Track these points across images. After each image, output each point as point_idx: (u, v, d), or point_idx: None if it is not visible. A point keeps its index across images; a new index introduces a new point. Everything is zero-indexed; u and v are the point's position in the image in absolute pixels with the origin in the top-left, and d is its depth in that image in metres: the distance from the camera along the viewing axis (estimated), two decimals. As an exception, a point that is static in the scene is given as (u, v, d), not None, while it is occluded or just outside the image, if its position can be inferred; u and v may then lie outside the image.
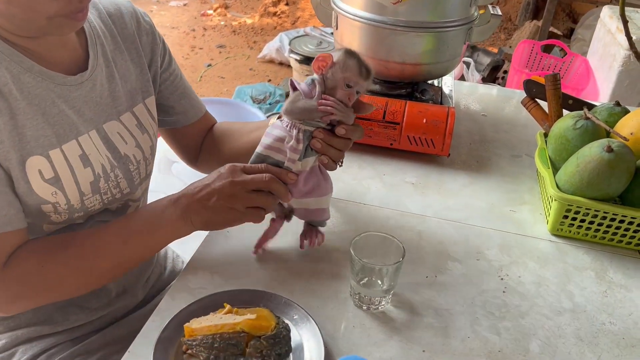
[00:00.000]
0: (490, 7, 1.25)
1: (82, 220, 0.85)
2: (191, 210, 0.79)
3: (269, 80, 3.55)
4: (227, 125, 1.10)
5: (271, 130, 0.82)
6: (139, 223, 0.81)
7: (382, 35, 1.15)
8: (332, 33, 3.65)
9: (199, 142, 1.08)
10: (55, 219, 0.80)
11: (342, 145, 0.83)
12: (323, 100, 0.79)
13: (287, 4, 4.66)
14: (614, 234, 0.95)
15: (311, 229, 0.88)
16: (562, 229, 0.97)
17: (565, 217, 0.95)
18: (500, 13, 1.23)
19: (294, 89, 0.82)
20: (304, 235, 0.87)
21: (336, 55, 0.80)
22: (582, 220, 0.95)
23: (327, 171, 0.86)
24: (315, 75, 0.81)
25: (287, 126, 0.81)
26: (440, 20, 1.14)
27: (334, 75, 0.79)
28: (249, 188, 0.79)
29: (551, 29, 3.61)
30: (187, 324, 0.68)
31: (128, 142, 0.89)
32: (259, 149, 0.82)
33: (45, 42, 0.77)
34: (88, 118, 0.82)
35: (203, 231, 0.89)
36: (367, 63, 0.81)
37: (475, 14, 1.20)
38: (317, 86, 0.80)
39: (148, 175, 0.97)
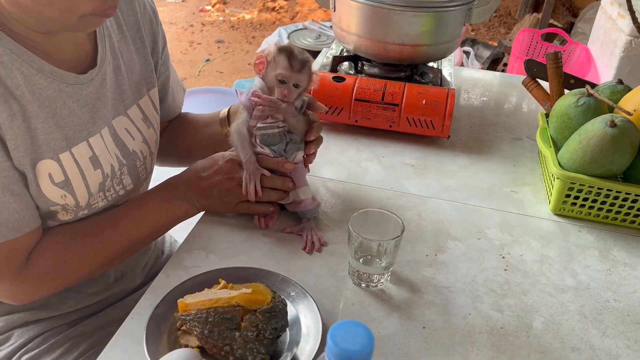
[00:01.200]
0: (490, -12, 1.23)
1: (86, 216, 0.83)
2: (195, 197, 0.85)
3: (268, 75, 3.54)
4: (181, 116, 1.08)
5: None
6: (149, 208, 0.84)
7: (380, 15, 1.13)
8: (331, 26, 3.63)
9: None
10: (61, 216, 0.79)
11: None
12: (254, 98, 0.81)
13: (285, -1, 4.65)
14: (618, 212, 0.93)
15: (308, 226, 0.86)
16: (564, 209, 0.95)
17: (568, 195, 0.93)
18: (500, -6, 1.21)
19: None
20: (304, 236, 0.86)
21: (269, 54, 0.82)
22: (585, 199, 0.93)
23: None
24: (257, 81, 0.84)
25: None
26: (440, 0, 1.12)
27: (269, 74, 0.82)
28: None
29: (551, 21, 3.59)
30: (180, 300, 0.66)
31: (135, 137, 0.87)
32: None
33: (56, 39, 0.74)
34: (101, 115, 0.80)
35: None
36: (303, 56, 0.82)
37: (475, -6, 1.18)
38: (257, 89, 0.83)
39: (152, 170, 0.96)
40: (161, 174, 1.10)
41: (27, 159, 0.71)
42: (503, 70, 3.22)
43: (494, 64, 3.34)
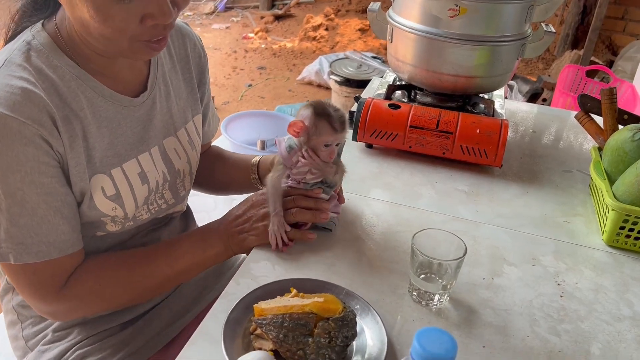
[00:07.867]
0: (543, 24, 1.27)
1: (131, 228, 0.89)
2: (231, 237, 0.89)
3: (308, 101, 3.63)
4: (218, 151, 1.17)
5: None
6: (184, 249, 0.89)
7: (437, 47, 1.18)
8: (372, 57, 3.71)
9: None
10: (109, 227, 0.86)
11: None
12: (301, 159, 0.85)
13: (326, 29, 4.77)
14: (673, 246, 0.94)
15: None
16: (618, 240, 0.96)
17: (622, 227, 0.95)
18: (553, 30, 1.25)
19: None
20: None
21: (307, 119, 0.83)
22: (640, 232, 0.94)
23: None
24: (293, 140, 0.85)
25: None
26: (495, 35, 1.16)
27: (311, 139, 0.84)
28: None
29: (592, 58, 3.60)
30: (256, 305, 0.70)
31: (182, 157, 0.95)
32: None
33: (118, 64, 0.83)
34: (151, 135, 0.88)
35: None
36: (339, 114, 0.83)
37: (529, 30, 1.23)
38: (295, 154, 0.85)
39: (190, 189, 1.02)
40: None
41: (86, 174, 0.79)
42: (542, 105, 3.24)
43: (533, 98, 3.37)
